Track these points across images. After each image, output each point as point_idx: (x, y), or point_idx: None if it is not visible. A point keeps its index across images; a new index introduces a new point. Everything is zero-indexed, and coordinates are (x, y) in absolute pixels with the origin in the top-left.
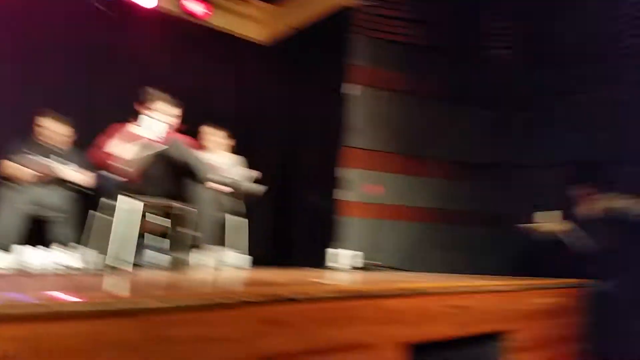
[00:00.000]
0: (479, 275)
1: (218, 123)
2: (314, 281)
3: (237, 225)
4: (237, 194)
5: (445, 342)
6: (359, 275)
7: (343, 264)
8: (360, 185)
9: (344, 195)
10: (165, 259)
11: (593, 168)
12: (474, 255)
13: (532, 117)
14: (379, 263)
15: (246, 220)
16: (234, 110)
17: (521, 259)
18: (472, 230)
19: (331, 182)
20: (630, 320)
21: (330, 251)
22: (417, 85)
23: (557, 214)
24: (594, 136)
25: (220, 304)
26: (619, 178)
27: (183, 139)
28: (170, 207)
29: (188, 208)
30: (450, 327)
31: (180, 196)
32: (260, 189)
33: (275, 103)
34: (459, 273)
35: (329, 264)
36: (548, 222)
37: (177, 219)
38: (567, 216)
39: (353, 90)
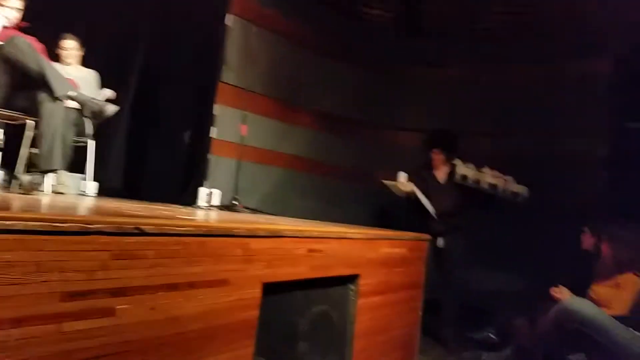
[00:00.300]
0: (338, 223)
1: (70, 30)
2: (172, 215)
3: (84, 148)
4: (88, 112)
5: (300, 282)
6: (222, 214)
7: (206, 202)
8: (231, 125)
9: (214, 132)
10: None
11: (451, 136)
12: (339, 205)
13: (404, 82)
14: (243, 204)
15: (94, 142)
16: (91, 18)
17: (379, 211)
18: (338, 181)
19: (202, 117)
20: (458, 272)
21: (192, 188)
22: (299, 32)
23: (405, 175)
24: (456, 107)
25: (58, 230)
26: (473, 148)
27: (29, 40)
28: (9, 118)
29: (30, 121)
30: (305, 268)
31: (21, 107)
32: (113, 109)
33: (146, 18)
34: (323, 221)
35: (190, 200)
36: (404, 182)
37: (16, 134)
38: (421, 178)
39: (233, 22)
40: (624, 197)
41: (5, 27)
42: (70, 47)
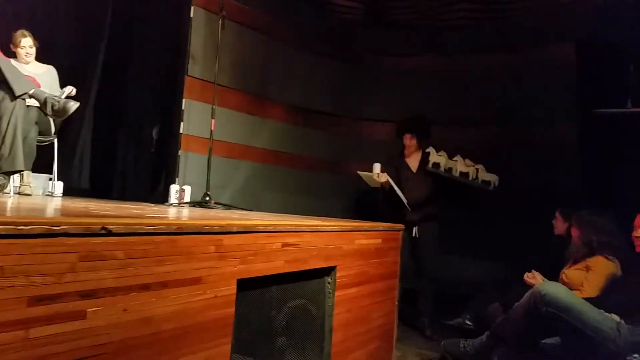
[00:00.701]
0: (312, 216)
1: (26, 24)
2: (141, 214)
3: (49, 147)
4: (50, 110)
5: (276, 276)
6: (194, 211)
7: (177, 199)
8: (200, 119)
9: (182, 128)
10: None
11: (423, 122)
12: (312, 197)
13: (374, 73)
14: (215, 200)
15: (55, 140)
16: (49, 11)
17: (353, 202)
18: (311, 174)
19: (170, 112)
20: (432, 260)
21: (162, 186)
22: (267, 24)
23: (380, 166)
24: (426, 97)
25: (23, 233)
26: (443, 137)
27: None
28: None
29: None
30: (280, 263)
31: None
32: (75, 105)
33: (108, 10)
34: (297, 214)
35: (161, 198)
36: (379, 173)
37: None
38: (394, 168)
39: (196, 14)
40: (593, 182)
41: None
42: (29, 45)
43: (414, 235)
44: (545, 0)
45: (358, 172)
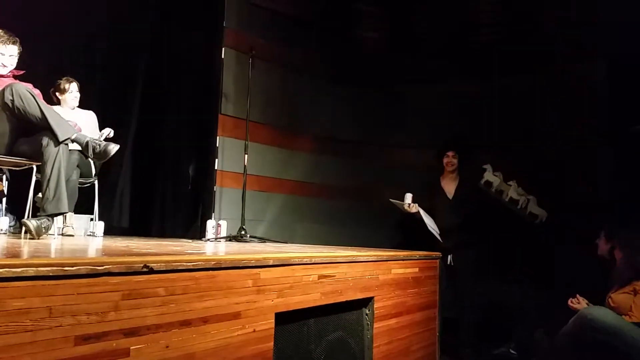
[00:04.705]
0: (347, 247)
1: (69, 73)
2: (181, 251)
3: (90, 188)
4: (91, 153)
5: (313, 309)
6: (230, 246)
7: (214, 234)
8: (233, 155)
9: (216, 164)
10: (5, 222)
11: (466, 141)
12: (346, 227)
13: (401, 100)
14: (250, 233)
15: (95, 182)
16: (88, 57)
17: (388, 230)
18: (344, 204)
19: (205, 150)
20: (470, 287)
21: (199, 221)
22: (294, 59)
23: (411, 196)
24: (455, 122)
25: (68, 274)
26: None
27: (27, 87)
28: (14, 165)
29: (33, 166)
30: (317, 295)
31: (24, 153)
32: (115, 148)
33: (144, 54)
34: (330, 244)
35: (198, 234)
36: (410, 204)
37: (20, 179)
38: (429, 195)
39: (227, 55)
40: (633, 201)
41: (1, 76)
42: (76, 89)
43: (449, 263)
44: (576, 18)
45: (390, 199)
